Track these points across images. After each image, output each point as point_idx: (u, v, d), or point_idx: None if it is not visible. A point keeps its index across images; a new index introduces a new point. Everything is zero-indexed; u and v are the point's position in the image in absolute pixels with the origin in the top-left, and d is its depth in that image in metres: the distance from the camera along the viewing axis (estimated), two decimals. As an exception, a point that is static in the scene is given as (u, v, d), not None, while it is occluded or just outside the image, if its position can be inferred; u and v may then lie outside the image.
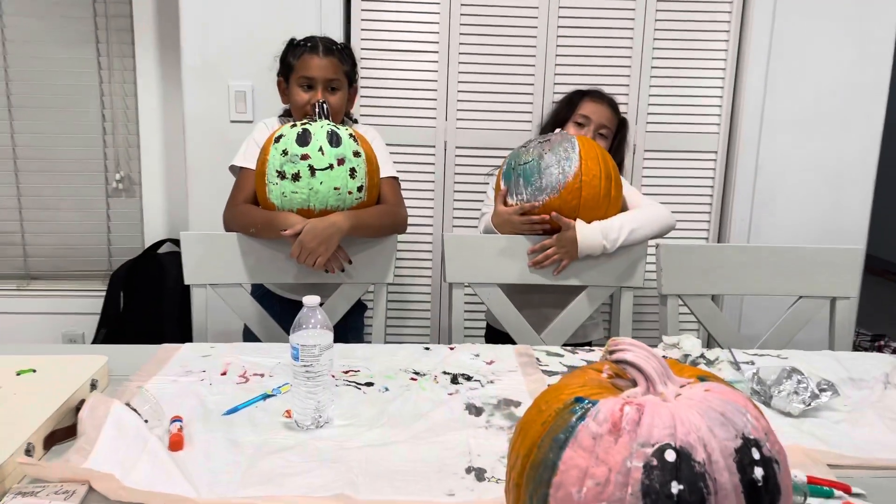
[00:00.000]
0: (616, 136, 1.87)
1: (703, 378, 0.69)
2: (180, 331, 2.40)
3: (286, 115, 1.77)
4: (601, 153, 1.61)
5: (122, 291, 2.48)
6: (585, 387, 0.68)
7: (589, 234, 1.58)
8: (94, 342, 2.45)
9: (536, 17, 2.20)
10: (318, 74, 1.63)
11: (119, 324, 2.47)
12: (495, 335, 1.85)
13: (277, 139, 1.49)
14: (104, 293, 2.48)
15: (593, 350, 1.45)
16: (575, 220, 1.58)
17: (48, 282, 2.64)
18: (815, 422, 1.12)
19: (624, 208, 1.69)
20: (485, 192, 1.91)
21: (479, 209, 1.92)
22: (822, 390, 1.16)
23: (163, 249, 2.57)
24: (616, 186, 1.61)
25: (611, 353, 0.69)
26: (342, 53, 1.70)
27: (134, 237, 2.64)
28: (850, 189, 2.31)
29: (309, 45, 1.66)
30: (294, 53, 1.67)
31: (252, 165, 1.59)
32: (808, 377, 1.17)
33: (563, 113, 1.87)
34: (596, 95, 1.87)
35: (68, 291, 2.59)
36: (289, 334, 1.07)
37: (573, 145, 1.57)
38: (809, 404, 1.14)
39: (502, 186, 1.65)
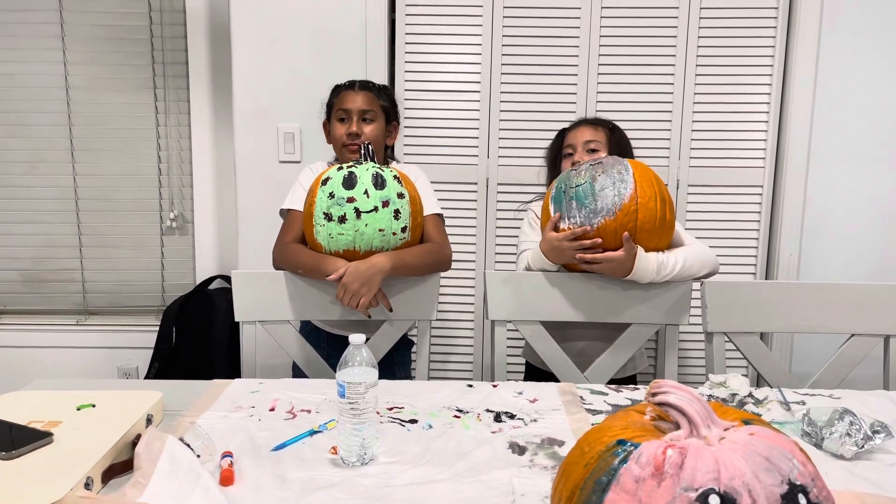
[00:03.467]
0: (611, 144, 1.82)
1: (747, 421, 0.69)
2: (228, 364, 2.46)
3: (336, 160, 1.84)
4: (655, 176, 1.58)
5: (174, 326, 2.56)
6: (628, 429, 0.69)
7: (645, 265, 1.55)
8: (147, 375, 2.52)
9: (577, 56, 2.23)
10: (352, 106, 1.75)
11: (171, 357, 2.54)
12: (534, 372, 1.85)
13: (325, 182, 1.54)
14: (157, 328, 2.56)
15: (638, 388, 1.44)
16: (637, 245, 1.55)
17: (105, 317, 2.74)
18: (869, 465, 1.09)
19: (674, 237, 1.67)
20: (520, 228, 1.91)
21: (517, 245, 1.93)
22: (875, 432, 1.13)
23: (213, 285, 2.64)
24: (671, 210, 1.59)
25: (653, 395, 0.69)
26: (378, 89, 1.81)
27: (186, 273, 2.72)
28: (901, 224, 2.26)
29: (346, 83, 1.81)
30: (335, 93, 1.82)
31: (299, 207, 1.65)
32: (862, 418, 1.14)
33: (553, 151, 1.90)
34: (574, 124, 1.88)
35: (123, 326, 2.68)
36: (335, 370, 1.09)
37: (626, 168, 1.55)
38: (863, 447, 1.11)
39: (552, 212, 1.61)
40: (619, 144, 1.79)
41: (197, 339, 2.54)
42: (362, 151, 1.60)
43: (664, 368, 1.65)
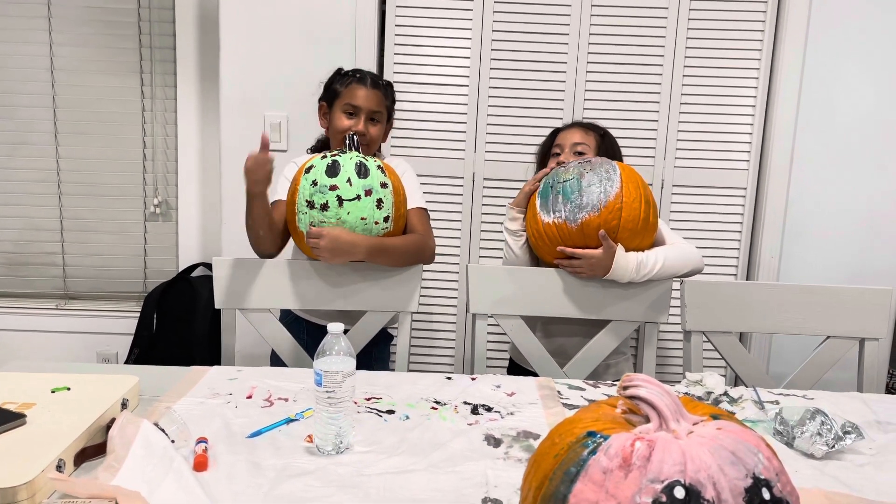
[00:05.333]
0: (600, 149, 1.82)
1: (716, 416, 0.70)
2: (210, 353, 2.45)
3: (316, 149, 1.82)
4: (641, 180, 1.60)
5: (155, 313, 2.54)
6: (599, 421, 0.69)
7: (624, 263, 1.57)
8: (126, 362, 2.51)
9: (566, 53, 2.24)
10: (363, 104, 1.70)
11: (151, 344, 2.53)
12: (518, 371, 1.85)
13: (308, 170, 1.54)
14: (138, 314, 2.54)
15: (615, 385, 1.45)
16: (617, 244, 1.57)
17: (85, 301, 2.72)
18: (839, 464, 1.10)
19: (657, 238, 1.69)
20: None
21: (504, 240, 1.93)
22: (846, 432, 1.15)
23: (196, 273, 2.63)
24: (654, 213, 1.61)
25: (625, 388, 0.70)
26: (386, 89, 1.78)
27: (169, 260, 2.71)
28: (882, 227, 2.29)
29: (358, 76, 1.74)
30: (342, 81, 1.74)
31: (282, 196, 1.64)
32: (833, 419, 1.16)
33: (544, 150, 1.91)
34: (567, 126, 1.89)
35: (104, 312, 2.66)
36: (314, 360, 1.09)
37: (614, 168, 1.58)
38: (833, 446, 1.12)
39: (538, 207, 1.63)
40: (608, 151, 1.80)
41: (178, 326, 2.52)
42: (347, 142, 1.60)
43: (642, 365, 1.66)
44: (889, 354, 2.30)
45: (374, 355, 1.76)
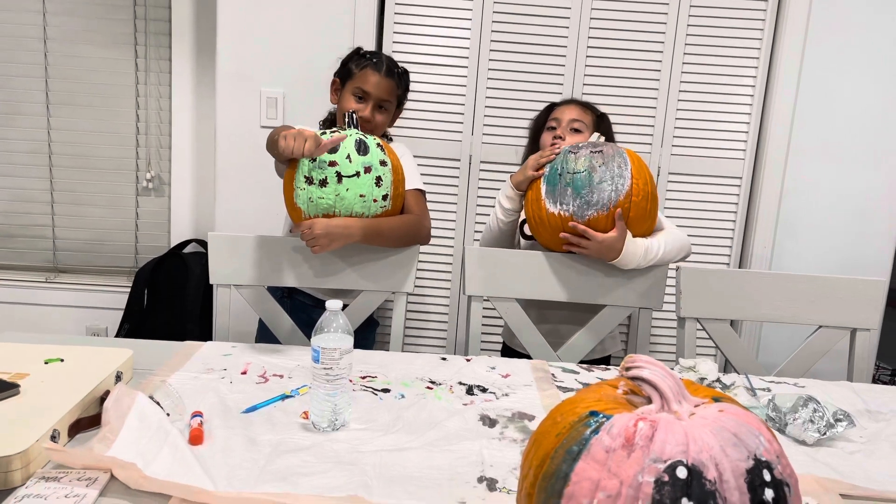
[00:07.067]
0: (597, 129, 1.82)
1: (717, 399, 0.70)
2: (200, 330, 2.44)
3: (327, 122, 1.82)
4: (648, 173, 1.58)
5: (146, 289, 2.53)
6: (601, 401, 0.70)
7: (633, 249, 1.56)
8: (116, 336, 2.50)
9: (566, 37, 2.22)
10: (373, 91, 1.70)
11: (142, 320, 2.51)
12: (511, 355, 1.85)
13: (307, 146, 1.52)
14: (129, 289, 2.53)
15: (609, 369, 1.46)
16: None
17: (75, 275, 2.70)
18: (830, 451, 1.12)
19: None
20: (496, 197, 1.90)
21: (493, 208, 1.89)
22: (837, 420, 1.16)
23: (188, 249, 2.61)
24: (655, 204, 1.60)
25: (627, 369, 0.70)
26: (400, 78, 1.77)
27: (161, 236, 2.69)
28: (874, 221, 2.30)
29: (374, 60, 1.72)
30: (358, 63, 1.73)
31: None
32: (825, 406, 1.17)
33: (538, 123, 1.90)
34: (564, 101, 1.89)
35: (94, 286, 2.64)
36: (306, 336, 1.09)
37: (625, 161, 1.53)
38: (825, 433, 1.13)
39: (543, 192, 1.59)
40: (604, 134, 1.79)
41: (169, 302, 2.51)
42: (346, 119, 1.58)
43: (636, 350, 1.67)
44: (877, 346, 2.32)
45: (359, 340, 1.75)
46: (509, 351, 1.88)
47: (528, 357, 1.66)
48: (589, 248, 1.56)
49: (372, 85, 1.70)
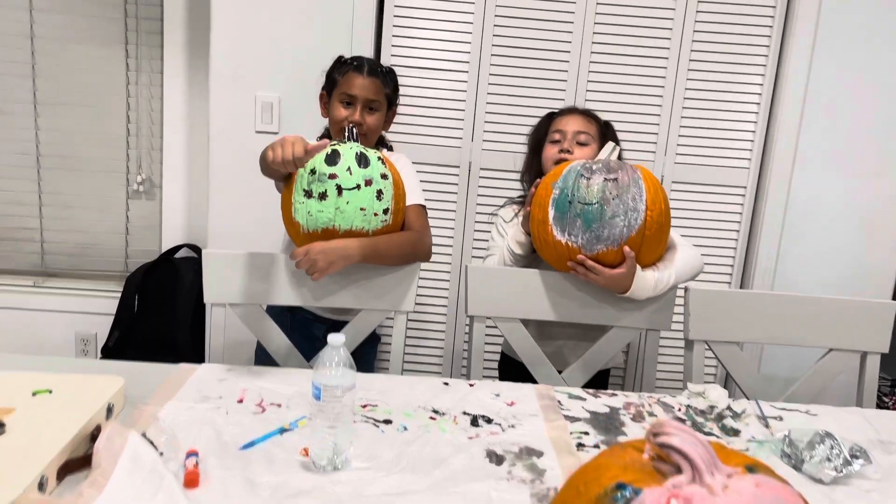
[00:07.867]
0: (602, 139, 1.75)
1: (750, 468, 0.66)
2: (192, 337, 2.39)
3: (325, 136, 1.76)
4: (665, 202, 1.49)
5: (137, 294, 2.47)
6: (627, 471, 0.65)
7: (643, 285, 1.51)
8: (106, 343, 2.44)
9: (570, 42, 2.17)
10: (359, 93, 1.65)
11: (133, 326, 2.46)
12: (510, 364, 1.82)
13: (306, 160, 1.47)
14: (119, 294, 2.47)
15: (616, 395, 1.42)
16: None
17: (64, 280, 2.63)
18: (846, 490, 1.08)
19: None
20: (491, 233, 1.84)
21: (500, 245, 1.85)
22: (854, 457, 1.13)
23: (180, 254, 2.55)
24: (668, 229, 1.53)
25: (655, 435, 0.66)
26: (386, 76, 1.72)
27: (151, 240, 2.63)
28: (880, 231, 2.27)
29: (355, 63, 1.69)
30: (339, 70, 1.70)
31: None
32: (841, 443, 1.14)
33: (539, 134, 1.83)
34: (566, 110, 1.82)
35: (84, 291, 2.58)
36: (308, 350, 1.04)
37: (641, 192, 1.44)
38: (842, 472, 1.10)
39: (550, 218, 1.50)
40: (612, 140, 1.74)
41: (160, 309, 2.45)
42: (346, 134, 1.53)
43: (642, 375, 1.63)
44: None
45: (360, 356, 1.70)
46: (508, 361, 1.84)
47: (528, 369, 1.62)
48: (597, 281, 1.51)
49: (357, 87, 1.65)
